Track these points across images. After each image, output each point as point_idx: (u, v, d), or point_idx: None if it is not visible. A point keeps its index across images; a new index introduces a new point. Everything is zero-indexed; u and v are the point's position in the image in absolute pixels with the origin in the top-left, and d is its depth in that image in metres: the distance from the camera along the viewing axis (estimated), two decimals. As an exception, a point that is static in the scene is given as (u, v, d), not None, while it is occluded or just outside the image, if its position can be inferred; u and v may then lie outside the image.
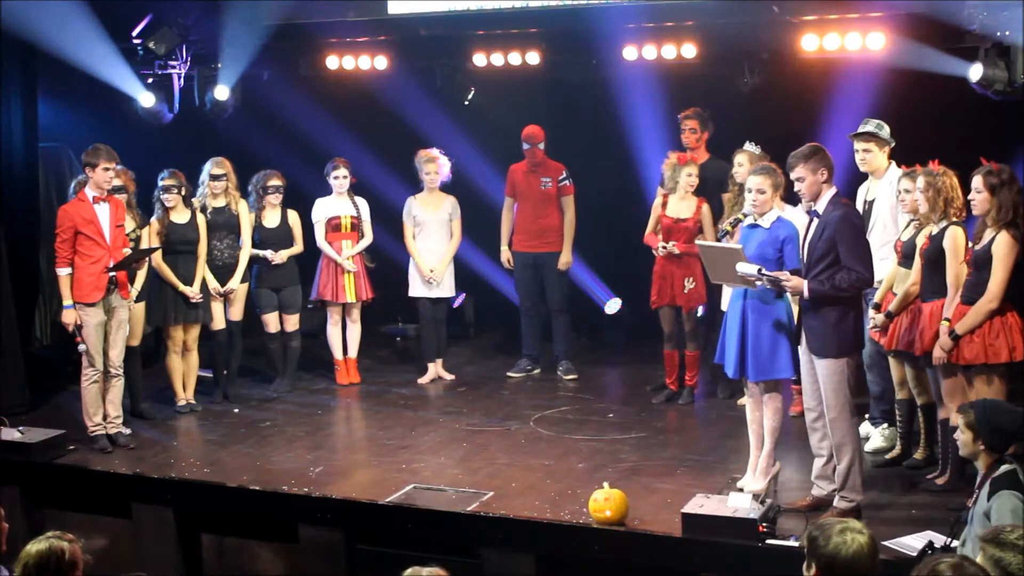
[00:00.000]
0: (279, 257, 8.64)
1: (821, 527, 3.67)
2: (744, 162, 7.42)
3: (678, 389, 8.29)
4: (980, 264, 5.92)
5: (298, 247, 8.81)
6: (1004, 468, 4.68)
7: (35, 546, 4.05)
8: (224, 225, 8.38)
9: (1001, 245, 5.85)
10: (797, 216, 6.48)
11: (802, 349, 5.99)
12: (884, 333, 6.46)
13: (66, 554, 4.03)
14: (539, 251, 9.04)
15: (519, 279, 9.22)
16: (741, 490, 6.19)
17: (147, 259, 7.96)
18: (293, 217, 8.81)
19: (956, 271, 6.05)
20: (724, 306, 7.15)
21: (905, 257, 6.41)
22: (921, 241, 6.30)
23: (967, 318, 5.91)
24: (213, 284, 8.30)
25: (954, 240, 6.05)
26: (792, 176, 5.92)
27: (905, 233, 6.52)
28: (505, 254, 9.20)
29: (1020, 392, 6.00)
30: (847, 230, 5.76)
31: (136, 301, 7.95)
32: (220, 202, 8.42)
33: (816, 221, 5.87)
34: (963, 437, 4.85)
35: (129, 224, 7.93)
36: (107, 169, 7.35)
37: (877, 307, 6.62)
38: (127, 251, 7.62)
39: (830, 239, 5.76)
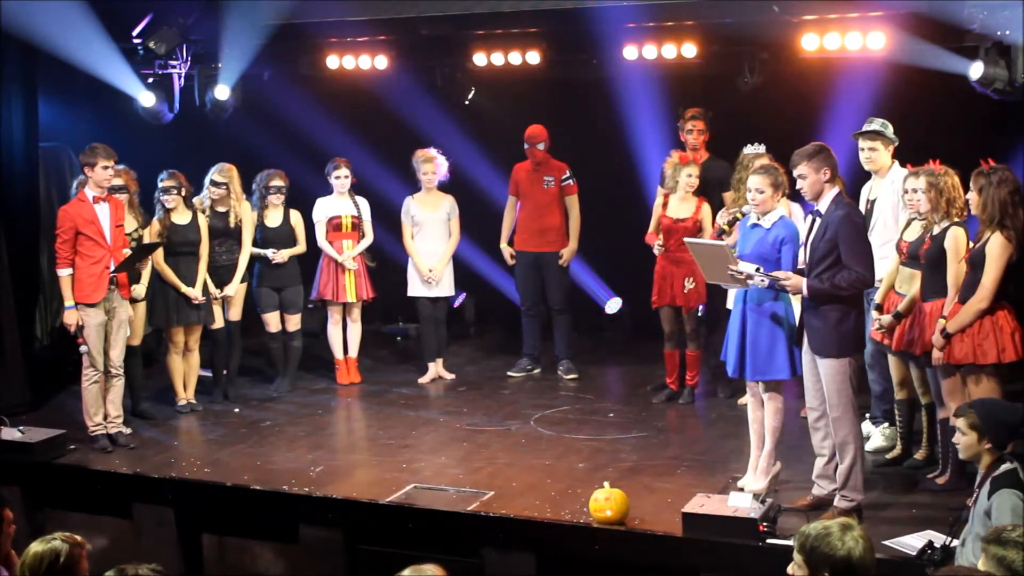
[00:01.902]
0: (280, 256, 8.64)
1: (819, 536, 3.63)
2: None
3: (678, 389, 8.29)
4: (976, 264, 5.92)
5: (300, 247, 8.81)
6: (1004, 467, 4.70)
7: (35, 547, 4.05)
8: (223, 231, 8.37)
9: (994, 246, 5.85)
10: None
11: (804, 349, 5.99)
12: (891, 334, 6.44)
13: (61, 557, 4.01)
14: (540, 250, 9.04)
15: (520, 278, 9.22)
16: (742, 490, 6.19)
17: (149, 258, 7.96)
18: (296, 217, 8.81)
19: (956, 271, 6.04)
20: (730, 304, 7.15)
21: (910, 257, 6.40)
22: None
23: (958, 317, 5.91)
24: (211, 288, 8.28)
25: (955, 240, 6.05)
26: (795, 174, 5.93)
27: (908, 233, 6.51)
28: (506, 251, 9.20)
29: (1018, 392, 6.00)
30: (848, 230, 5.76)
31: (139, 300, 7.95)
32: (221, 207, 8.41)
33: (819, 220, 5.88)
34: (965, 439, 4.85)
35: (131, 224, 7.94)
36: (106, 167, 7.34)
37: (879, 308, 6.61)
38: (127, 251, 7.61)
39: (832, 239, 5.76)
